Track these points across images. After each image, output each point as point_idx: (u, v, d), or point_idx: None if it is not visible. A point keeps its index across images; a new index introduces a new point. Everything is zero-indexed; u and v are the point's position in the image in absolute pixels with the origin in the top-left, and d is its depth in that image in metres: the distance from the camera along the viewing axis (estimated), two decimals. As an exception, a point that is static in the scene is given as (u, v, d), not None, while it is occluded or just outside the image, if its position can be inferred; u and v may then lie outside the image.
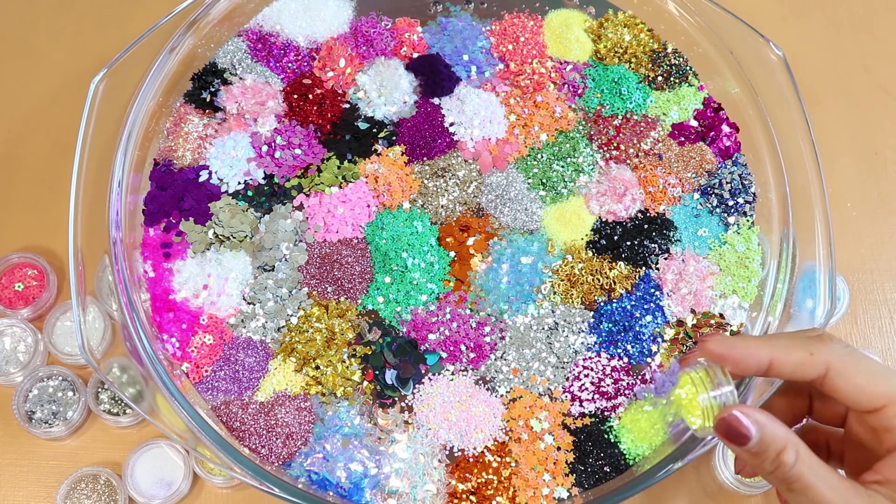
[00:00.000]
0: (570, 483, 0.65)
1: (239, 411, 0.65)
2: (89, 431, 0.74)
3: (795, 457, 0.46)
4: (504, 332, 0.70)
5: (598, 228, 0.74)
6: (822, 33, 0.95)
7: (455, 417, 0.66)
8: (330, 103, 0.77)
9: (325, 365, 0.67)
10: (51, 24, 0.91)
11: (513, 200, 0.74)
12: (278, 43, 0.79)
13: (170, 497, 0.70)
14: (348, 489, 0.64)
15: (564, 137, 0.77)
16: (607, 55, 0.81)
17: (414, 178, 0.75)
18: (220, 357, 0.68)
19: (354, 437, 0.65)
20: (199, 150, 0.74)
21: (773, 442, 0.46)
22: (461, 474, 0.65)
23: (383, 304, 0.70)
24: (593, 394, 0.68)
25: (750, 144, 0.77)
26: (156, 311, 0.68)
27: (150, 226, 0.72)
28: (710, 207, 0.75)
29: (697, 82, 0.81)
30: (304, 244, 0.72)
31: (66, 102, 0.86)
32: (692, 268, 0.72)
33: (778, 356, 0.49)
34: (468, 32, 0.82)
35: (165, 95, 0.75)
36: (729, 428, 0.47)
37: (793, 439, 0.47)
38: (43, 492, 0.72)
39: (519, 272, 0.71)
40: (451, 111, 0.77)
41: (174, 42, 0.75)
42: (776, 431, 0.47)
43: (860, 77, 0.93)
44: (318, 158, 0.75)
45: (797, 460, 0.46)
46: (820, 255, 0.69)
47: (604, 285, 0.71)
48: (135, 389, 0.64)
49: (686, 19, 0.81)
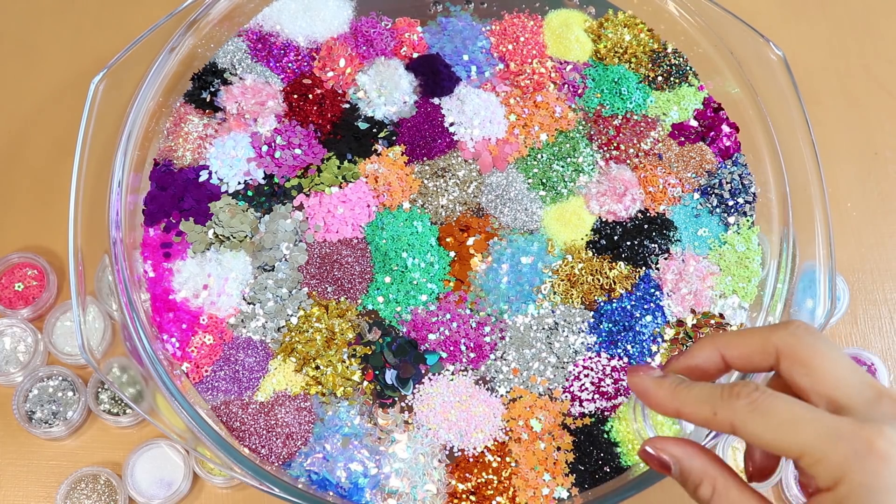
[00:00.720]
0: (570, 483, 0.65)
1: (239, 411, 0.65)
2: (89, 431, 0.74)
3: (711, 492, 0.46)
4: (504, 332, 0.70)
5: (598, 228, 0.74)
6: (822, 33, 0.95)
7: (455, 417, 0.66)
8: (330, 103, 0.77)
9: (325, 365, 0.67)
10: (51, 24, 0.91)
11: (513, 200, 0.74)
12: (278, 43, 0.79)
13: (170, 497, 0.70)
14: (348, 489, 0.64)
15: (564, 137, 0.77)
16: (607, 55, 0.81)
17: (414, 178, 0.75)
18: (220, 357, 0.68)
19: (354, 437, 0.65)
20: (199, 150, 0.74)
21: (690, 475, 0.47)
22: (461, 474, 0.65)
23: (383, 304, 0.70)
24: (593, 394, 0.68)
25: (750, 144, 0.77)
26: (156, 311, 0.68)
27: (150, 226, 0.72)
28: (710, 207, 0.75)
29: (697, 82, 0.81)
30: (304, 244, 0.72)
31: (66, 102, 0.86)
32: (692, 268, 0.72)
33: (728, 352, 0.48)
34: (468, 32, 0.82)
35: (165, 95, 0.75)
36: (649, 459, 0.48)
37: (710, 473, 0.46)
38: (43, 492, 0.72)
39: (519, 272, 0.71)
40: (451, 111, 0.77)
41: (174, 42, 0.75)
42: (692, 466, 0.47)
43: (860, 77, 0.93)
44: (318, 158, 0.75)
45: (714, 495, 0.46)
46: (820, 255, 0.69)
47: (604, 285, 0.71)
48: (135, 389, 0.64)
49: (686, 19, 0.81)
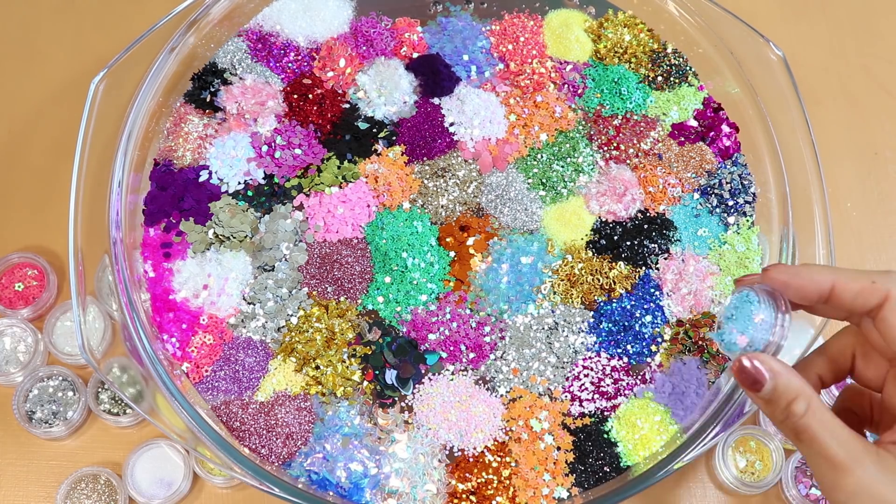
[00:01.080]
0: (570, 483, 0.65)
1: (239, 411, 0.65)
2: (89, 431, 0.74)
3: (806, 407, 0.46)
4: (504, 331, 0.70)
5: (598, 228, 0.74)
6: (822, 33, 0.95)
7: (455, 417, 0.66)
8: (330, 103, 0.77)
9: (325, 365, 0.67)
10: (51, 24, 0.91)
11: (513, 200, 0.74)
12: (278, 43, 0.79)
13: (170, 497, 0.70)
14: (348, 489, 0.64)
15: (564, 137, 0.77)
16: (607, 55, 0.81)
17: (414, 178, 0.75)
18: (220, 357, 0.68)
19: (354, 437, 0.65)
20: (199, 150, 0.74)
21: (786, 391, 0.47)
22: (461, 474, 0.65)
23: (383, 304, 0.70)
24: (593, 394, 0.68)
25: (750, 144, 0.77)
26: (156, 311, 0.68)
27: (150, 226, 0.72)
28: (710, 207, 0.75)
29: (697, 82, 0.81)
30: (304, 244, 0.72)
31: (66, 102, 0.86)
32: (692, 268, 0.72)
33: (840, 281, 0.49)
34: (468, 32, 0.82)
35: (165, 95, 0.75)
36: (744, 372, 0.48)
37: (806, 391, 0.46)
38: (43, 492, 0.72)
39: (519, 272, 0.71)
40: (451, 111, 0.77)
41: (174, 42, 0.75)
42: (790, 381, 0.47)
43: (860, 77, 0.93)
44: (318, 158, 0.75)
45: (807, 411, 0.46)
46: (820, 255, 0.69)
47: (604, 285, 0.71)
48: (135, 389, 0.64)
49: (686, 19, 0.81)
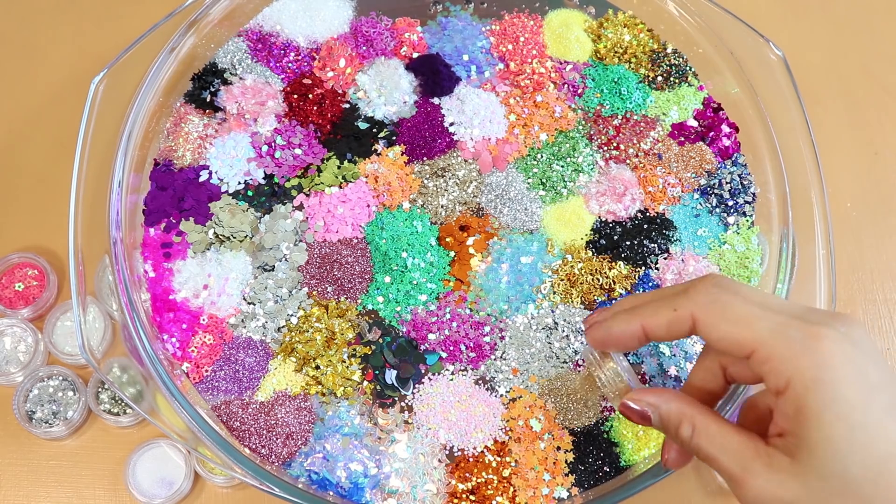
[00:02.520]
0: (570, 483, 0.65)
1: (239, 411, 0.65)
2: (89, 431, 0.74)
3: (691, 430, 0.47)
4: (504, 331, 0.70)
5: (598, 228, 0.74)
6: (822, 33, 0.95)
7: (455, 417, 0.66)
8: (330, 103, 0.77)
9: (325, 365, 0.67)
10: (51, 24, 0.91)
11: (513, 200, 0.74)
12: (278, 43, 0.79)
13: (171, 496, 0.70)
14: (348, 489, 0.64)
15: (564, 137, 0.77)
16: (607, 55, 0.81)
17: (414, 178, 0.75)
18: (221, 357, 0.68)
19: (354, 437, 0.65)
20: (199, 150, 0.74)
21: (669, 419, 0.48)
22: (461, 474, 0.65)
23: (383, 304, 0.70)
24: (593, 394, 0.68)
25: (750, 144, 0.77)
26: (156, 311, 0.68)
27: (151, 226, 0.72)
28: (710, 207, 0.75)
29: (697, 82, 0.81)
30: (304, 244, 0.72)
31: (66, 102, 0.86)
32: (692, 268, 0.72)
33: (647, 322, 0.49)
34: (468, 32, 0.82)
35: (165, 95, 0.75)
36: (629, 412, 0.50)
37: (687, 413, 0.47)
38: (43, 492, 0.72)
39: (519, 272, 0.71)
40: (451, 111, 0.77)
41: (174, 42, 0.75)
42: (669, 409, 0.48)
43: (860, 77, 0.93)
44: (318, 158, 0.75)
45: (693, 433, 0.47)
46: (820, 255, 0.69)
47: (603, 285, 0.71)
48: (135, 389, 0.64)
49: (686, 19, 0.81)
